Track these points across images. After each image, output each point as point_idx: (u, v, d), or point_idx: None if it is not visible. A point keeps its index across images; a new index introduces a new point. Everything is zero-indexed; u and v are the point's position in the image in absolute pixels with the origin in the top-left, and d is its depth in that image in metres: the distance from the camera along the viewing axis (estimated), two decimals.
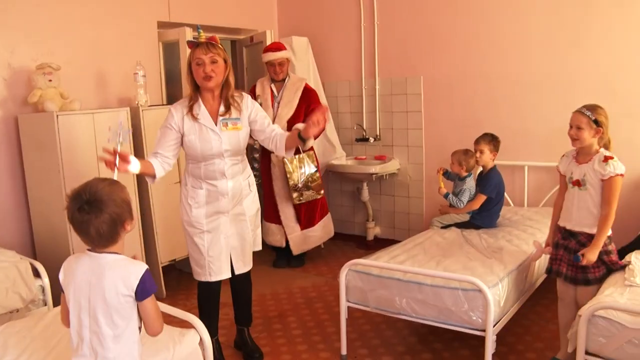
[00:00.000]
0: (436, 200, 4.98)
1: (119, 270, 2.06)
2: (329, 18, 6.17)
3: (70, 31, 4.58)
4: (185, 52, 5.08)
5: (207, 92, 3.26)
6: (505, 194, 4.87)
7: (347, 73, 6.13)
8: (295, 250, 5.43)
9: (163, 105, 5.11)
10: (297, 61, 5.85)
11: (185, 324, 2.72)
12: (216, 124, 3.26)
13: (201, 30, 3.24)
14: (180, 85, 5.22)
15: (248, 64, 6.37)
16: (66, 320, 2.20)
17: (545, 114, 4.86)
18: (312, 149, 5.22)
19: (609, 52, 4.54)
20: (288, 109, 5.14)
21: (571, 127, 3.18)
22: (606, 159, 3.05)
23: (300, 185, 5.11)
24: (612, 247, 3.19)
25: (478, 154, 4.40)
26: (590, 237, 3.12)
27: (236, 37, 6.37)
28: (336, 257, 5.72)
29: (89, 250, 2.13)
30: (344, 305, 3.55)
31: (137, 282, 2.06)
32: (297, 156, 5.10)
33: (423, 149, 5.68)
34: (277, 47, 5.21)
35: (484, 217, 4.39)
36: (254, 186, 3.59)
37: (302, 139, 3.29)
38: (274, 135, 3.42)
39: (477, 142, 4.45)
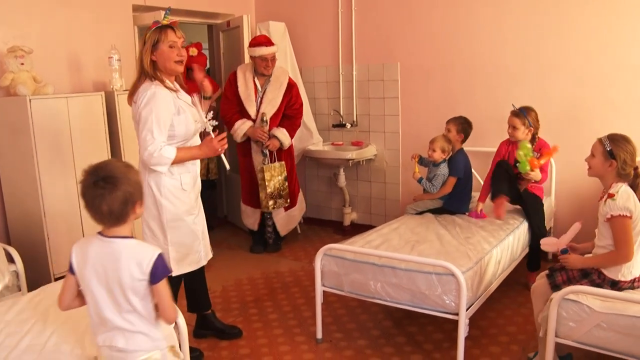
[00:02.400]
0: (412, 186, 5.02)
1: (133, 256, 2.11)
2: (306, 3, 6.14)
3: (43, 14, 4.50)
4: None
5: (169, 74, 3.19)
6: (480, 179, 4.95)
7: (324, 59, 6.13)
8: (283, 231, 5.54)
9: None
10: None
11: None
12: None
13: (169, 13, 3.17)
14: None
15: (225, 49, 6.33)
16: (64, 301, 2.24)
17: (521, 101, 4.90)
18: (286, 155, 5.32)
19: (583, 41, 4.60)
20: (271, 106, 5.12)
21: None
22: (609, 195, 2.91)
23: (275, 193, 5.14)
24: (600, 281, 2.95)
25: (445, 132, 4.56)
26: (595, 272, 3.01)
27: (213, 21, 6.32)
28: (312, 242, 5.75)
29: (99, 233, 2.17)
30: (319, 289, 3.58)
31: (151, 266, 2.10)
32: (272, 165, 5.12)
33: (400, 135, 5.71)
34: (267, 40, 5.13)
35: (455, 202, 4.45)
36: None
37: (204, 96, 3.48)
38: None
39: (447, 121, 4.62)
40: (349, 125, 5.99)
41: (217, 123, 3.26)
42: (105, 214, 2.07)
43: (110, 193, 2.04)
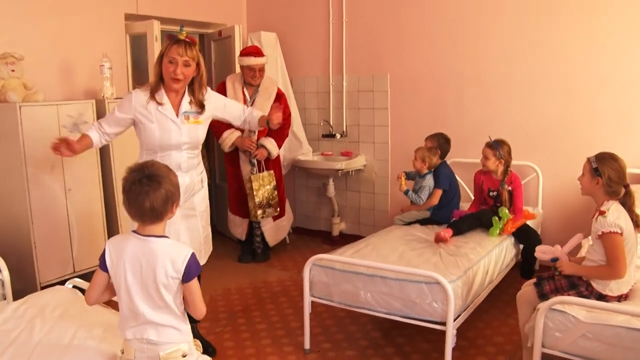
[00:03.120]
0: (400, 197, 5.05)
1: (168, 254, 2.21)
2: (297, 14, 6.18)
3: (34, 20, 4.50)
4: (152, 45, 5.06)
5: (169, 88, 3.26)
6: (469, 191, 4.98)
7: (314, 69, 6.15)
8: (272, 241, 5.55)
9: None
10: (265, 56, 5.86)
11: None
12: (177, 116, 3.27)
13: (184, 30, 3.23)
14: (148, 78, 5.17)
15: (216, 58, 6.35)
16: (92, 296, 2.33)
17: (509, 113, 4.95)
18: (273, 165, 5.32)
19: (570, 55, 4.65)
20: None
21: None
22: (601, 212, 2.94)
23: (264, 202, 5.14)
24: (587, 293, 2.97)
25: None
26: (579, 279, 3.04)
27: (204, 31, 6.34)
28: (301, 252, 5.75)
29: (134, 232, 2.26)
30: (307, 299, 3.58)
31: (185, 266, 2.20)
32: (260, 174, 5.13)
33: (389, 146, 5.74)
34: (257, 51, 5.15)
35: (443, 213, 4.48)
36: (206, 182, 3.59)
37: (269, 126, 3.66)
38: (252, 117, 3.72)
39: (425, 138, 4.73)
40: (338, 136, 6.01)
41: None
42: (147, 210, 2.18)
43: (155, 191, 2.17)
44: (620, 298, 2.96)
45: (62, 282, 3.52)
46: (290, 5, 6.22)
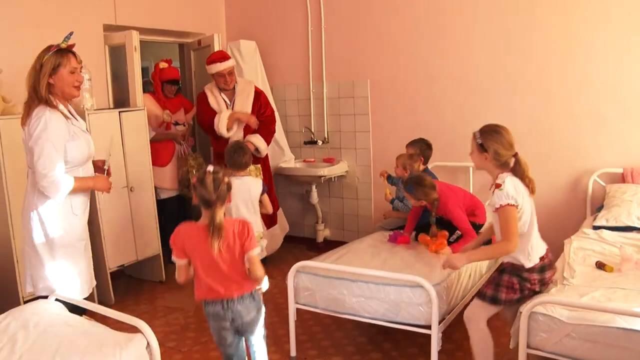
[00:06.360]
0: (384, 202, 5.07)
1: (254, 183, 4.20)
2: (276, 22, 6.19)
3: (12, 33, 4.47)
4: (132, 55, 5.03)
5: (64, 99, 3.15)
6: None
7: (294, 76, 6.17)
8: (268, 250, 5.43)
9: (110, 109, 5.06)
10: (245, 64, 5.87)
11: (132, 329, 2.69)
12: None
13: (70, 38, 3.14)
14: (127, 88, 5.15)
15: (196, 67, 6.34)
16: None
17: (488, 116, 4.95)
18: (262, 161, 5.31)
19: (549, 58, 4.70)
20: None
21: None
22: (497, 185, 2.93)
23: None
24: (529, 275, 2.98)
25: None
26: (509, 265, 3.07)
27: (184, 40, 6.33)
28: (286, 260, 5.73)
29: (233, 176, 3.56)
30: (292, 307, 3.59)
31: (262, 186, 4.20)
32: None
33: (371, 151, 5.76)
34: (223, 56, 5.17)
35: (426, 218, 4.47)
36: None
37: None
38: None
39: (407, 145, 4.69)
40: (320, 142, 6.03)
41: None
42: (242, 163, 4.14)
43: (245, 154, 4.15)
44: (544, 260, 2.99)
45: (45, 296, 3.48)
46: (269, 14, 6.24)
